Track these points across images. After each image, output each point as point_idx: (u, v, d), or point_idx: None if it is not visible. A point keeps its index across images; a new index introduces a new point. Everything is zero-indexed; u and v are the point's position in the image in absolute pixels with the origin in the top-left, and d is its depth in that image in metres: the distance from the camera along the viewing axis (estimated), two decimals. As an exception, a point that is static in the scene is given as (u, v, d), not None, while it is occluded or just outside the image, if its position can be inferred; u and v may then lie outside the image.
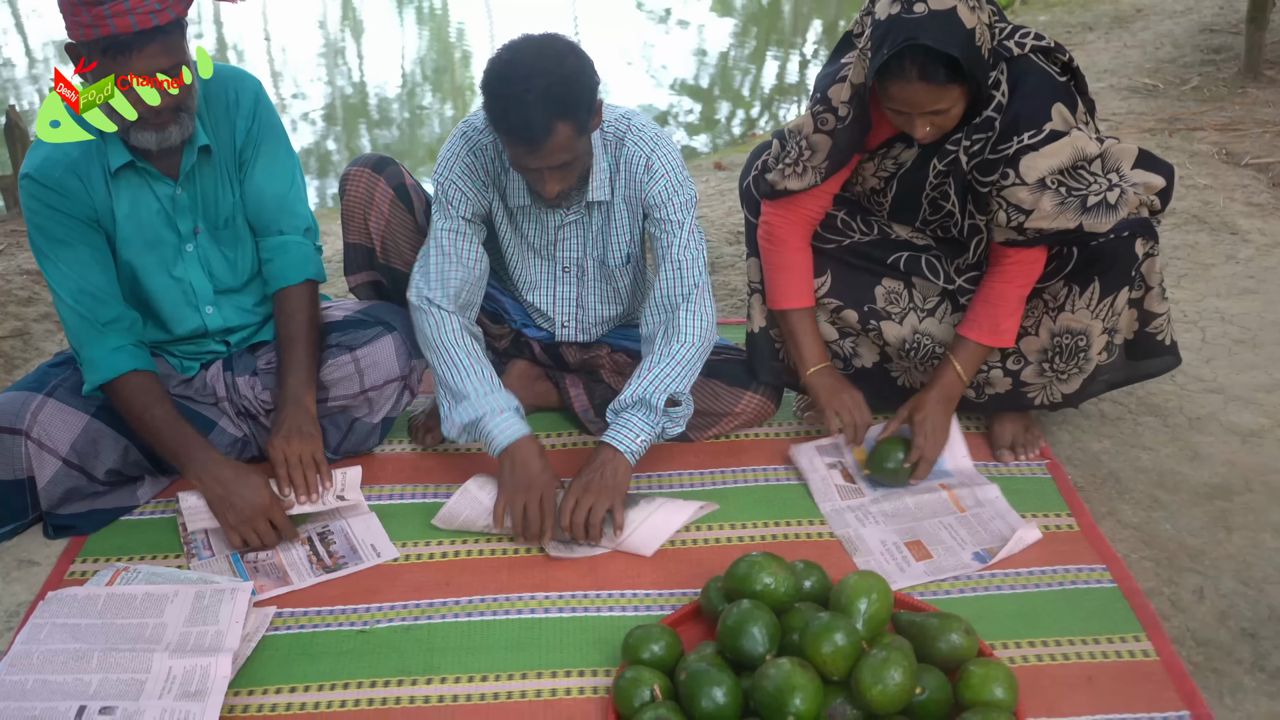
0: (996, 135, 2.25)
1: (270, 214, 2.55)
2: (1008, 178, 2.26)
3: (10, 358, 3.11)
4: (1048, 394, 2.54)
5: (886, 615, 2.02)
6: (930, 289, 2.56)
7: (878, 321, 2.58)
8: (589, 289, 2.66)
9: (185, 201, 2.45)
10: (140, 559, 2.40)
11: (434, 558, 2.39)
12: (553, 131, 2.18)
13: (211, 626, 2.14)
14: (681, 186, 2.47)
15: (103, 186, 2.37)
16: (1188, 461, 2.61)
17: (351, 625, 2.21)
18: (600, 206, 2.52)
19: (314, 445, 2.46)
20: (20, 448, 2.36)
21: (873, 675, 1.83)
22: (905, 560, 2.32)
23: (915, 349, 2.58)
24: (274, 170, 2.53)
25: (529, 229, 2.58)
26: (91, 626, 2.14)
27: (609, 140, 2.46)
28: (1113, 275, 2.37)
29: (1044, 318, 2.46)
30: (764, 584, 2.06)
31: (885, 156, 2.44)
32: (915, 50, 2.11)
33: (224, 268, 2.56)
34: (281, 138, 2.56)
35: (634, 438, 2.39)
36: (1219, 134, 4.57)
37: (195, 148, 2.41)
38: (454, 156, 2.48)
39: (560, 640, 2.17)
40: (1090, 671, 2.06)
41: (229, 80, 2.49)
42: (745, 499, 2.54)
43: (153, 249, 2.47)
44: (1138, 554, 2.34)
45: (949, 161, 2.33)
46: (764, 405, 2.72)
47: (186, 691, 1.99)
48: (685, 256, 2.47)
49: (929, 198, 2.43)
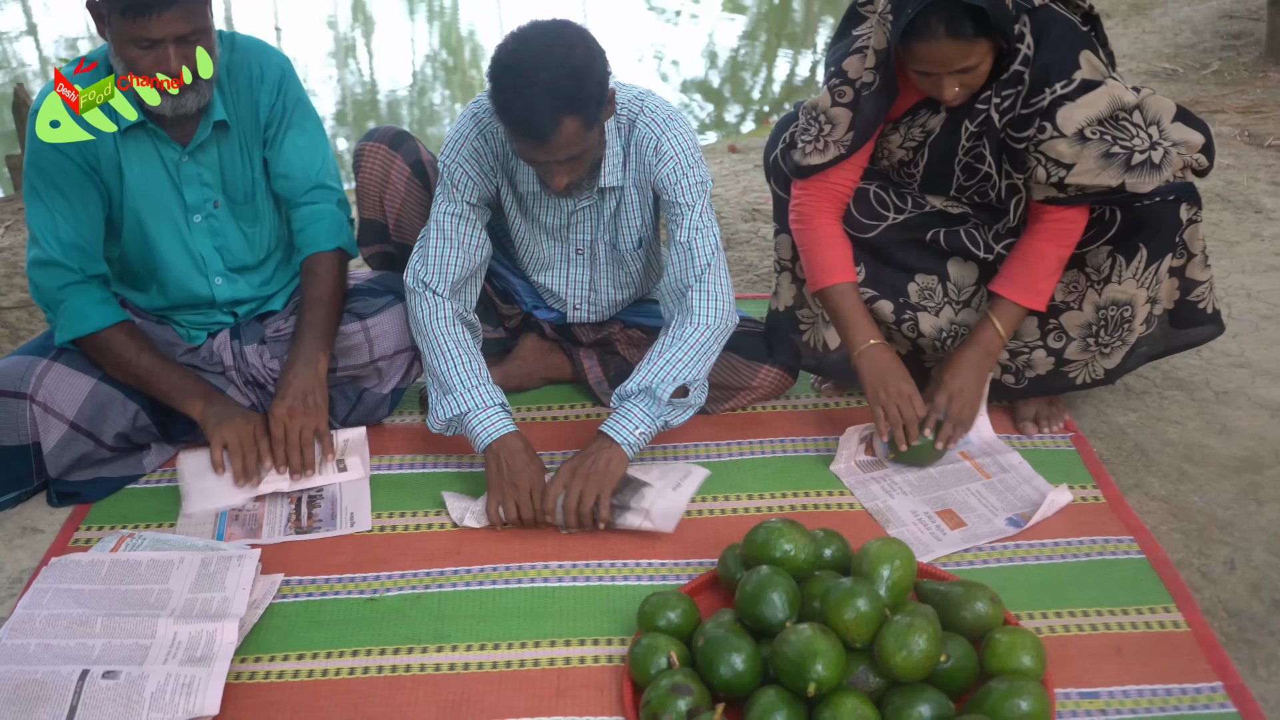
0: (1027, 88, 2.19)
1: (300, 186, 2.50)
2: (1044, 131, 2.19)
3: (15, 328, 3.07)
4: (1089, 371, 2.45)
5: (909, 583, 1.97)
6: (965, 279, 2.48)
7: (914, 313, 2.50)
8: (601, 272, 2.60)
9: (193, 171, 2.41)
10: (145, 527, 2.35)
11: (444, 527, 2.34)
12: (559, 127, 2.09)
13: (218, 593, 2.10)
14: (692, 169, 2.37)
15: (110, 141, 2.32)
16: (1215, 435, 2.55)
17: (360, 593, 2.17)
18: (613, 192, 2.45)
19: (317, 417, 2.40)
20: (25, 412, 2.31)
21: (897, 641, 1.78)
22: (940, 529, 2.27)
23: (952, 338, 2.50)
24: (302, 144, 2.49)
25: (540, 212, 2.51)
26: (95, 592, 2.10)
27: (622, 124, 2.38)
28: (1158, 242, 2.29)
29: (1089, 290, 2.36)
30: (783, 550, 2.01)
31: (911, 125, 2.37)
32: (940, 6, 2.05)
33: (240, 243, 2.51)
34: (309, 113, 2.51)
35: (632, 429, 2.30)
36: (1241, 116, 4.51)
37: (210, 120, 2.36)
38: (462, 139, 2.39)
39: (574, 609, 2.12)
40: (1119, 642, 2.00)
41: (254, 54, 2.44)
42: (763, 470, 2.49)
43: (163, 213, 2.42)
44: (1166, 526, 2.28)
45: (981, 121, 2.25)
46: (782, 379, 2.66)
47: (192, 657, 1.94)
48: (695, 239, 2.36)
49: (962, 163, 2.35)
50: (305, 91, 2.53)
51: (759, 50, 8.02)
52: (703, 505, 2.38)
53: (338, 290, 2.49)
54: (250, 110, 2.44)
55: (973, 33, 2.07)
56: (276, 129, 2.47)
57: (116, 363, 2.39)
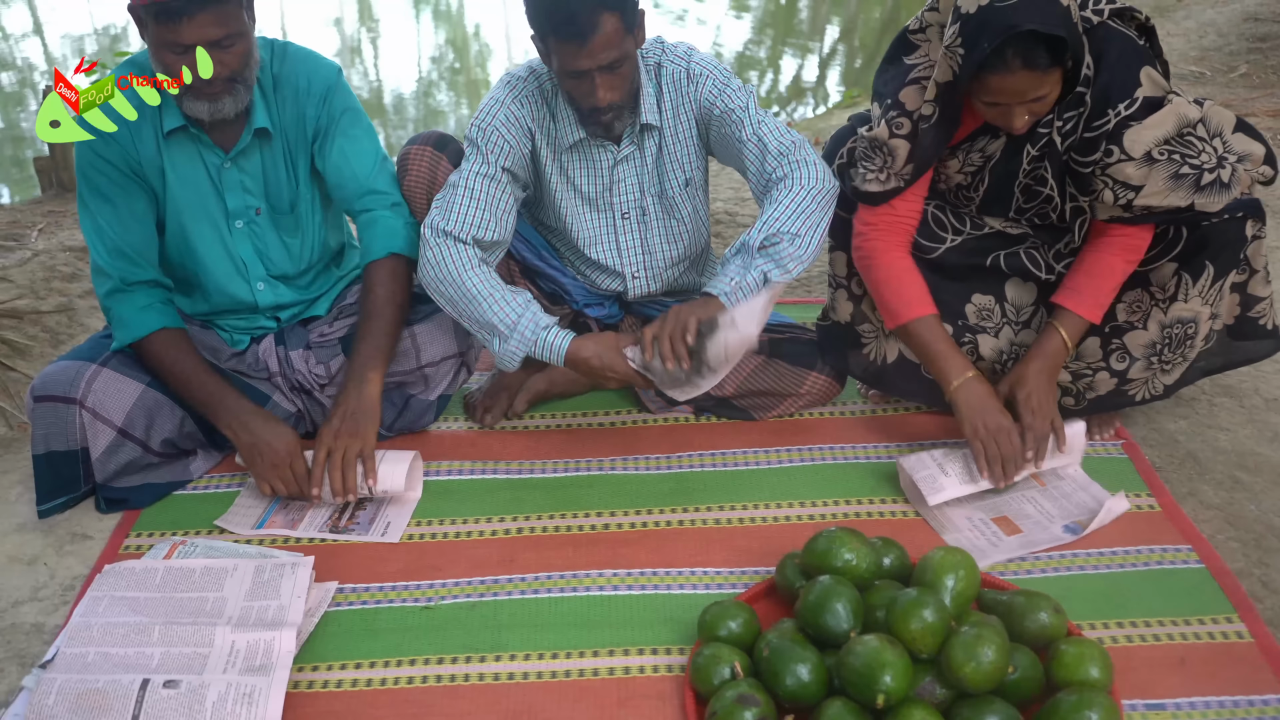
0: (1089, 110, 2.16)
1: (353, 194, 2.48)
2: (1111, 155, 2.16)
3: (56, 333, 3.06)
4: (1149, 388, 2.43)
5: (973, 593, 1.95)
6: (1023, 299, 2.46)
7: (974, 335, 2.47)
8: (652, 230, 2.59)
9: (235, 178, 2.40)
10: (195, 533, 2.35)
11: (495, 534, 2.33)
12: (599, 24, 2.15)
13: (273, 601, 2.09)
14: (729, 80, 2.43)
15: (153, 144, 2.33)
16: (1267, 442, 2.54)
17: (415, 601, 2.15)
18: (653, 133, 2.47)
19: (364, 440, 2.35)
20: (74, 417, 2.30)
21: (965, 653, 1.77)
22: (996, 535, 2.25)
23: (1013, 359, 2.48)
24: (351, 151, 2.46)
25: (582, 177, 2.51)
26: (151, 599, 2.09)
27: (649, 66, 2.43)
28: (1224, 259, 2.27)
29: (1153, 310, 2.34)
30: (845, 560, 2.00)
31: (970, 151, 2.33)
32: (1017, 38, 2.00)
33: (280, 253, 2.50)
34: (358, 119, 2.49)
35: (727, 281, 2.29)
36: (1273, 120, 4.49)
37: (252, 127, 2.35)
38: (497, 104, 2.42)
39: (630, 618, 2.10)
40: (1183, 653, 1.99)
41: (303, 64, 2.43)
42: (814, 477, 2.48)
43: (205, 216, 2.42)
44: (1223, 535, 2.27)
45: (1043, 145, 2.22)
46: (829, 385, 2.65)
47: (251, 666, 1.93)
48: (763, 131, 2.39)
49: (1022, 185, 2.32)
50: (355, 99, 2.51)
51: (764, 51, 8.01)
52: (755, 513, 2.37)
53: (391, 300, 2.44)
54: (296, 121, 2.42)
55: (1048, 63, 2.03)
56: (324, 139, 2.45)
57: (157, 369, 2.38)
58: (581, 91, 2.29)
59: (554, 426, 2.69)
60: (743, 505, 2.39)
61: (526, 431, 2.67)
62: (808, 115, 6.14)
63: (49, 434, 2.33)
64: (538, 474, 2.51)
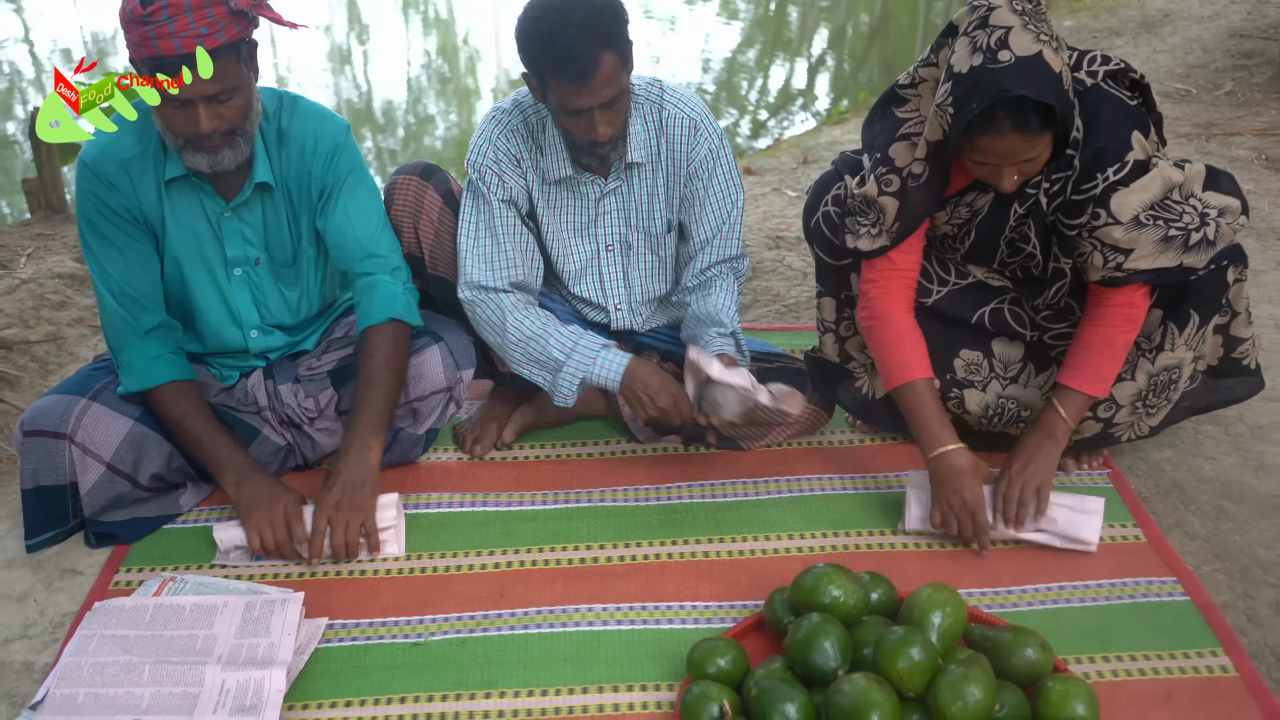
0: (1077, 173, 2.16)
1: (353, 256, 2.46)
2: (1099, 218, 2.16)
3: (44, 362, 3.06)
4: (1134, 429, 2.45)
5: (960, 629, 1.97)
6: (1011, 356, 2.47)
7: (960, 390, 2.48)
8: (634, 264, 2.62)
9: (235, 227, 2.40)
10: (184, 568, 2.35)
11: (485, 568, 2.34)
12: (600, 62, 2.19)
13: (263, 639, 2.09)
14: (724, 148, 2.55)
15: (153, 191, 2.33)
16: (1253, 472, 2.56)
17: (405, 638, 2.16)
18: (640, 170, 2.50)
19: (365, 514, 2.33)
20: (64, 452, 2.31)
21: (952, 692, 1.78)
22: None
23: (1000, 414, 2.49)
24: (355, 212, 2.44)
25: (569, 208, 2.54)
26: (141, 638, 2.09)
27: (647, 105, 2.47)
28: (1207, 306, 2.29)
29: (1140, 360, 2.35)
30: (832, 596, 2.01)
31: (958, 205, 2.33)
32: (1008, 102, 2.00)
33: (279, 304, 2.51)
34: (363, 180, 2.47)
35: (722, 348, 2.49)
36: (1257, 139, 4.52)
37: (253, 181, 2.35)
38: (486, 142, 2.47)
39: (620, 654, 2.11)
40: (1168, 688, 2.00)
41: (311, 122, 2.42)
42: (803, 509, 2.49)
43: (203, 264, 2.42)
44: (1208, 566, 2.29)
45: (1029, 205, 2.23)
46: (817, 415, 2.67)
47: (241, 705, 1.94)
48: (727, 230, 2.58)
49: (1007, 239, 2.33)
50: (362, 159, 2.50)
51: (753, 57, 8.04)
52: (744, 545, 2.38)
53: (389, 366, 2.42)
54: (300, 178, 2.41)
55: (1039, 127, 2.03)
56: (327, 199, 2.44)
57: (165, 420, 2.39)
58: (580, 128, 2.31)
59: (543, 457, 2.70)
60: (731, 538, 2.40)
61: (516, 462, 2.68)
62: (796, 133, 6.15)
63: (38, 469, 2.33)
64: (527, 506, 2.51)
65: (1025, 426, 2.44)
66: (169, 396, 2.37)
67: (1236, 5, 6.51)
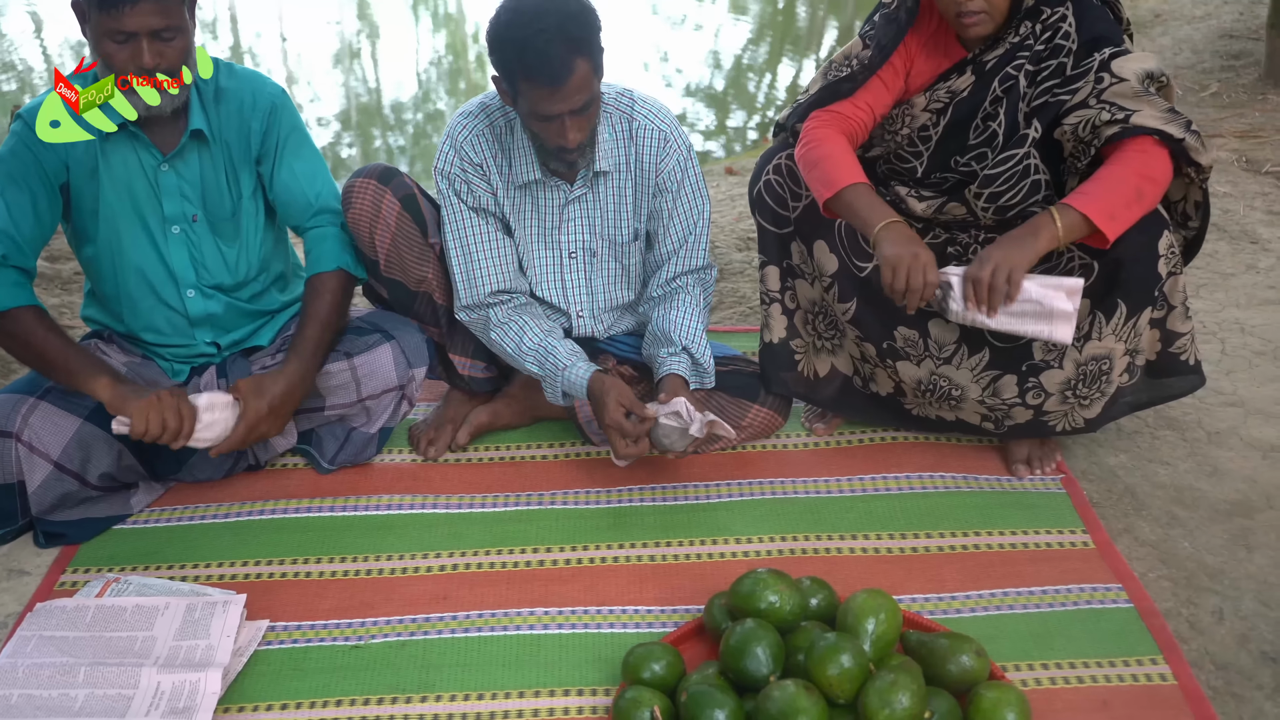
0: (1073, 57, 2.28)
1: (301, 212, 2.53)
2: (1103, 81, 2.25)
3: (7, 361, 3.06)
4: (1069, 420, 2.45)
5: (895, 635, 1.96)
6: (946, 338, 2.47)
7: (894, 361, 2.51)
8: (597, 271, 2.62)
9: (172, 182, 2.41)
10: (133, 569, 2.35)
11: (431, 570, 2.34)
12: (573, 69, 2.20)
13: (202, 641, 2.09)
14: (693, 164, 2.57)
15: (84, 144, 2.33)
16: (1207, 477, 2.54)
17: (345, 640, 2.16)
18: (606, 178, 2.51)
19: (278, 429, 2.42)
20: (10, 450, 2.30)
21: (880, 699, 1.78)
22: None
23: (932, 390, 2.51)
24: (302, 171, 2.51)
25: (533, 213, 2.55)
26: (79, 640, 2.09)
27: (611, 113, 2.48)
28: (1136, 297, 2.29)
29: (1069, 349, 2.36)
30: (768, 602, 2.00)
31: (937, 89, 2.40)
32: None
33: (217, 261, 2.51)
34: (305, 140, 2.53)
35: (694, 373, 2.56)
36: (1239, 141, 4.49)
37: (188, 130, 2.38)
38: (452, 149, 2.49)
39: (559, 658, 2.11)
40: (1105, 695, 1.99)
41: (248, 82, 2.47)
42: (752, 512, 2.48)
43: (138, 220, 2.43)
44: (1155, 573, 2.27)
45: (1008, 86, 2.32)
46: (772, 418, 2.66)
47: (175, 708, 1.94)
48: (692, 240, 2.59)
49: (977, 127, 2.37)
50: (301, 121, 2.54)
51: (763, 55, 8.02)
52: (689, 549, 2.38)
53: (334, 310, 2.49)
54: (239, 134, 2.45)
55: None
56: (273, 159, 2.48)
57: (24, 342, 2.32)
58: (550, 133, 2.32)
59: (497, 459, 2.69)
60: (678, 541, 2.39)
61: (469, 464, 2.67)
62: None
63: (-16, 467, 2.34)
64: (477, 509, 2.51)
65: (955, 406, 2.50)
66: (27, 318, 2.33)
67: (1229, 6, 6.47)
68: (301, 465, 2.65)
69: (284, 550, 2.40)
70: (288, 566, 2.36)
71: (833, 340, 2.62)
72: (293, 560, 2.37)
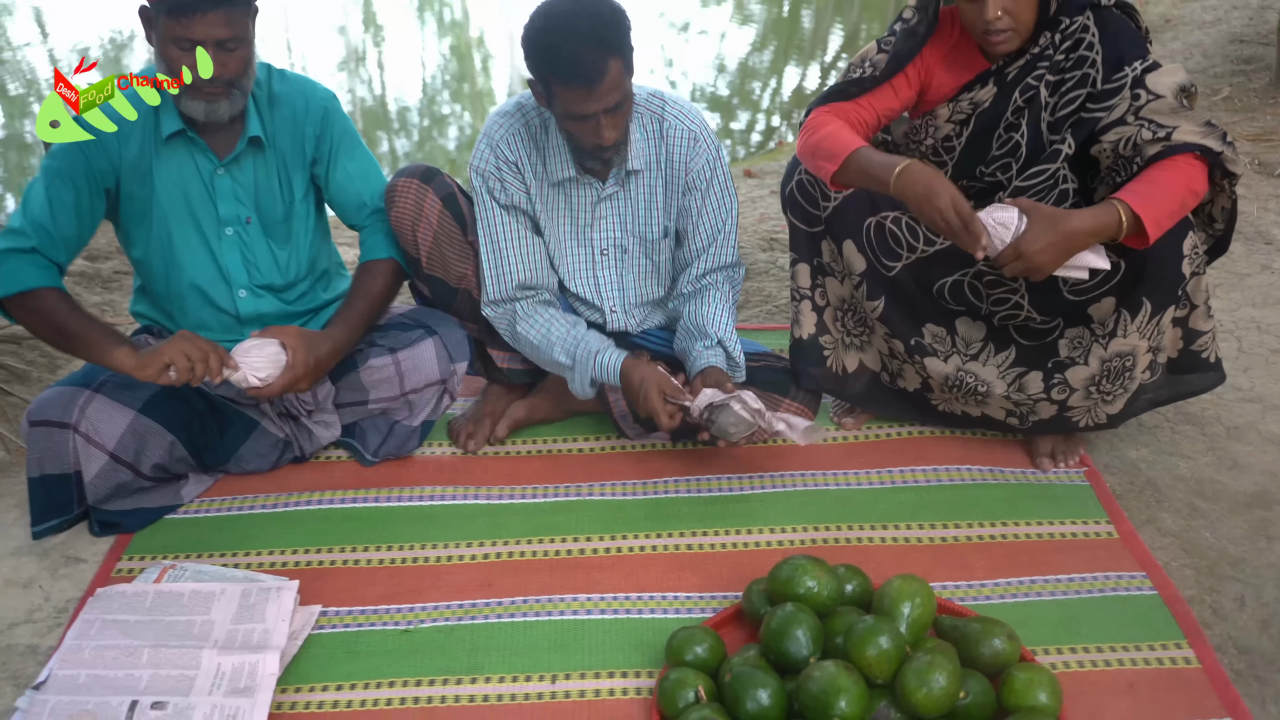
0: (1100, 72, 2.32)
1: (357, 212, 2.65)
2: (1139, 97, 2.30)
3: (54, 358, 3.14)
4: (1092, 416, 2.53)
5: (929, 620, 2.03)
6: (973, 335, 2.56)
7: (922, 357, 2.59)
8: (629, 268, 2.70)
9: (227, 185, 2.49)
10: (185, 557, 2.42)
11: (475, 559, 2.41)
12: (606, 70, 2.26)
13: (258, 624, 2.17)
14: (721, 163, 2.64)
15: (139, 149, 2.42)
16: (1227, 470, 2.61)
17: (395, 624, 2.23)
18: (637, 177, 2.59)
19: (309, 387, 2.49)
20: (68, 442, 2.38)
21: (918, 679, 1.85)
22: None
23: (958, 385, 2.58)
24: (353, 170, 2.62)
25: (566, 211, 2.62)
26: (140, 623, 2.17)
27: (642, 113, 2.56)
28: (1161, 295, 2.36)
29: (1094, 345, 2.43)
30: (807, 587, 2.07)
31: (961, 99, 2.46)
32: None
33: (269, 262, 2.59)
34: (356, 142, 2.63)
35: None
36: (1251, 144, 4.56)
37: (246, 136, 2.45)
38: (488, 147, 2.56)
39: (603, 641, 2.18)
40: (1132, 679, 2.06)
41: (300, 88, 2.56)
42: (785, 504, 2.55)
43: (192, 223, 2.51)
44: (1178, 562, 2.35)
45: (1029, 97, 2.38)
46: (802, 413, 2.72)
47: (236, 688, 2.01)
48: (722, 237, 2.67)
49: (999, 137, 2.43)
50: (351, 123, 2.64)
51: (767, 60, 8.08)
52: (726, 539, 2.45)
53: (384, 292, 2.62)
54: (293, 138, 2.53)
55: None
56: (328, 161, 2.58)
57: (47, 319, 2.37)
58: (586, 132, 2.39)
59: (534, 452, 2.77)
60: (714, 531, 2.47)
61: (508, 457, 2.75)
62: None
63: (43, 458, 2.41)
64: (517, 499, 2.59)
65: (981, 401, 2.58)
66: (51, 297, 2.37)
67: (1238, 11, 6.54)
68: (345, 458, 2.73)
69: (332, 539, 2.47)
70: (336, 554, 2.43)
71: (861, 337, 2.69)
72: (341, 549, 2.45)
